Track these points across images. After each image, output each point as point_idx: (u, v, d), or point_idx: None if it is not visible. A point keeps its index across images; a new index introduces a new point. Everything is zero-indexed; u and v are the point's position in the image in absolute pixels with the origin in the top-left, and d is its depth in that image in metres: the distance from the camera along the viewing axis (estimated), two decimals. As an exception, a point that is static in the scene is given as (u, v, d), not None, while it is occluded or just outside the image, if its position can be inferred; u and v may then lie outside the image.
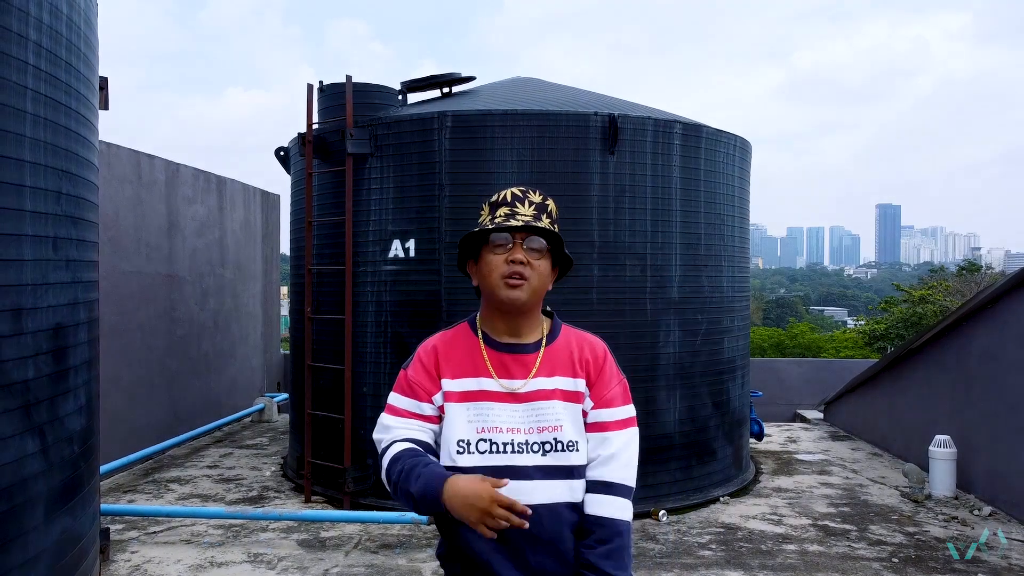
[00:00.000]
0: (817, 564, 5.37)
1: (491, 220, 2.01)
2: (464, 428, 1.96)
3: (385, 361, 6.66)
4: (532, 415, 1.96)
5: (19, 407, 2.93)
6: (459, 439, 1.95)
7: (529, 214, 2.00)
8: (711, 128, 7.16)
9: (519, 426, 1.96)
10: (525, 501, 1.86)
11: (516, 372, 2.00)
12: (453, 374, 2.01)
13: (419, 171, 6.57)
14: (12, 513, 2.88)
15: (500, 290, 1.96)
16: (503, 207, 2.02)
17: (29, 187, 2.99)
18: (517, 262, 1.95)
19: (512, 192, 2.04)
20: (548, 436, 1.95)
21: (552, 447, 1.95)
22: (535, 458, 1.94)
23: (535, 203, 2.03)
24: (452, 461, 1.95)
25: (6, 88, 2.85)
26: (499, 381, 1.99)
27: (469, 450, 1.94)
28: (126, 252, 8.02)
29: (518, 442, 1.94)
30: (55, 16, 3.18)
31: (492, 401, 1.97)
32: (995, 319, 6.83)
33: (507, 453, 1.94)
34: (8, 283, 2.88)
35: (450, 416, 1.98)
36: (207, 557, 5.43)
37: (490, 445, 1.94)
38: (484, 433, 1.95)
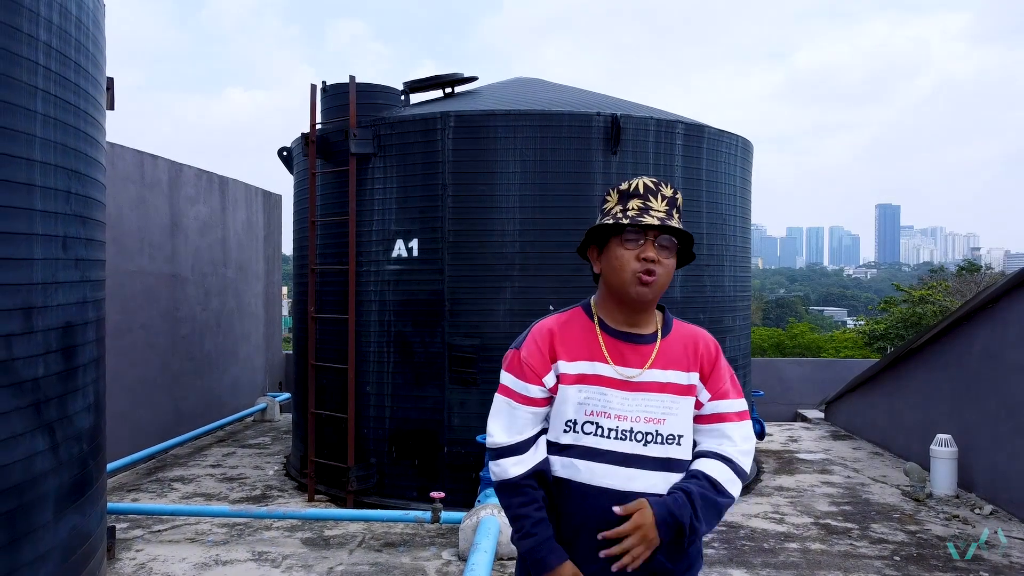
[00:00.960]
0: (819, 562, 5.40)
1: (623, 211, 2.01)
2: (574, 409, 2.00)
3: (388, 360, 6.69)
4: (641, 405, 2.00)
5: (29, 405, 2.95)
6: (568, 419, 2.01)
7: (662, 210, 2.01)
8: (713, 128, 7.19)
9: (627, 413, 1.99)
10: (620, 487, 1.95)
11: (632, 361, 2.03)
12: (569, 356, 2.04)
13: (422, 171, 6.60)
14: (23, 510, 2.90)
15: (631, 286, 1.98)
16: (635, 199, 2.02)
17: (39, 186, 3.01)
18: (650, 260, 1.97)
19: (644, 183, 2.04)
20: (651, 427, 1.99)
21: (653, 439, 1.99)
22: (636, 447, 1.98)
23: (667, 197, 2.04)
24: (556, 438, 2.03)
25: (17, 88, 2.87)
26: (615, 368, 2.02)
27: (575, 430, 2.00)
28: (129, 252, 8.04)
29: (623, 429, 1.99)
30: (64, 16, 3.20)
31: (605, 386, 2.01)
32: (996, 319, 6.86)
33: (610, 439, 1.98)
34: (19, 282, 2.90)
35: (562, 395, 2.02)
36: (212, 555, 5.45)
37: (596, 428, 1.99)
38: (592, 416, 1.99)
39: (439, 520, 5.51)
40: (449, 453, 6.47)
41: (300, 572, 5.15)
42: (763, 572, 5.21)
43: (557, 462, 2.02)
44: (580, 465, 1.98)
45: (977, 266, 37.67)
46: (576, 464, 1.99)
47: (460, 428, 6.43)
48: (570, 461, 2.00)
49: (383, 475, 6.70)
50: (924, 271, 56.37)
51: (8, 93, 2.83)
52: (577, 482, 1.98)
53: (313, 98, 7.11)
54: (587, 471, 1.98)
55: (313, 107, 7.11)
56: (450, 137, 6.50)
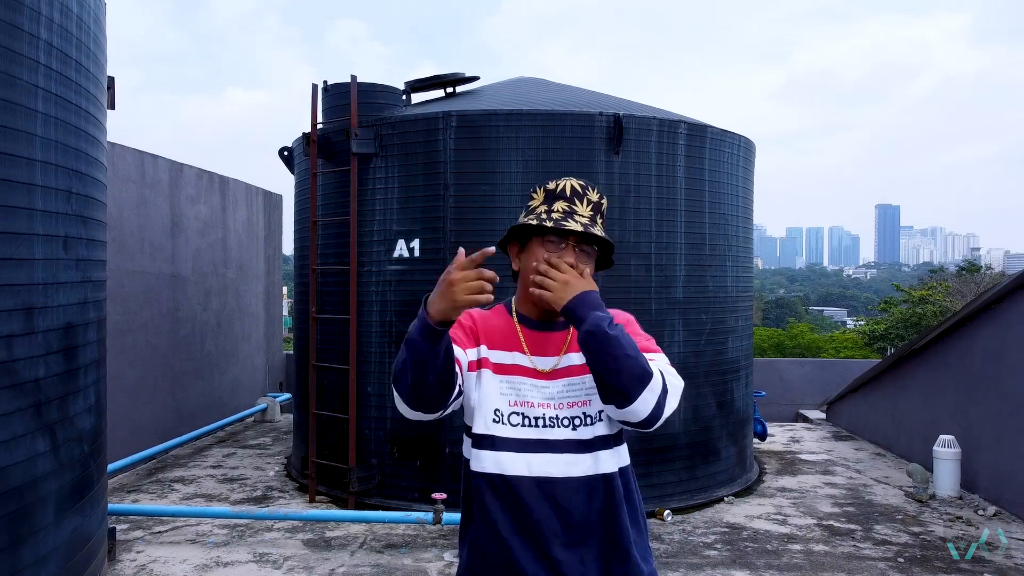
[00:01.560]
0: (823, 564, 5.38)
1: (547, 212, 1.99)
2: (498, 399, 1.97)
3: (389, 361, 6.66)
4: (563, 391, 1.98)
5: (30, 406, 2.93)
6: (495, 408, 1.97)
7: (587, 215, 1.99)
8: (716, 128, 7.17)
9: (550, 401, 1.97)
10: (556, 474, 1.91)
11: (549, 350, 2.02)
12: (491, 344, 2.02)
13: (424, 171, 6.57)
14: (24, 512, 2.88)
15: None
16: (561, 200, 2.00)
17: (40, 186, 2.99)
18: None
19: (572, 186, 2.02)
20: (577, 411, 1.97)
21: (582, 421, 1.96)
22: (566, 432, 1.95)
23: (592, 202, 2.02)
24: (487, 429, 1.97)
25: (18, 87, 2.85)
26: (531, 358, 2.01)
27: (503, 421, 1.96)
28: (130, 252, 8.02)
29: (550, 416, 1.96)
30: (65, 15, 3.18)
31: (525, 376, 1.99)
32: (999, 319, 6.84)
33: (539, 427, 1.95)
34: (20, 282, 2.88)
35: (485, 383, 1.99)
36: (213, 557, 5.42)
37: (522, 419, 1.96)
38: (516, 407, 1.97)
39: (441, 521, 5.49)
40: (451, 454, 6.45)
41: (301, 573, 5.13)
42: (766, 574, 5.19)
43: (487, 458, 1.95)
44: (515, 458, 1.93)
45: (977, 266, 37.70)
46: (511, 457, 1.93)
47: (462, 429, 6.40)
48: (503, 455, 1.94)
49: (384, 476, 6.68)
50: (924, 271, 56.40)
51: (9, 92, 2.81)
52: (513, 475, 1.92)
53: (314, 98, 7.09)
54: (523, 463, 1.92)
55: (314, 107, 7.08)
56: (452, 137, 6.48)
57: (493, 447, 1.95)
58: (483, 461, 1.96)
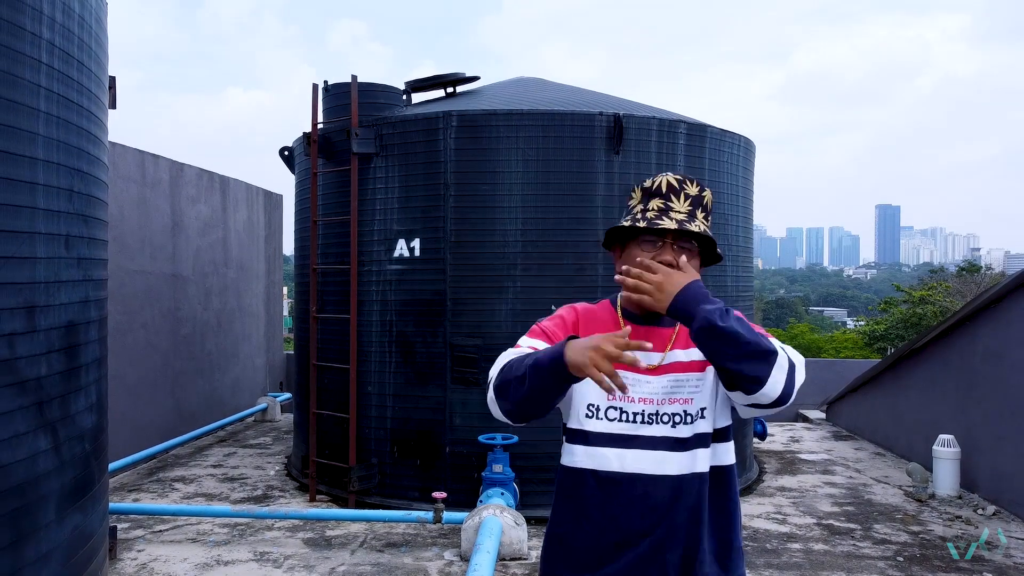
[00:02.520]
0: (822, 563, 5.39)
1: (643, 211, 1.96)
2: (596, 393, 1.93)
3: (390, 360, 6.67)
4: (667, 387, 1.94)
5: (32, 404, 2.93)
6: (589, 403, 1.94)
7: (684, 211, 1.94)
8: (715, 128, 7.18)
9: (652, 396, 1.93)
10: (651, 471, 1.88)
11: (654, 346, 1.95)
12: None
13: (424, 171, 6.59)
14: (26, 510, 2.89)
15: None
16: (657, 198, 1.96)
17: (42, 185, 2.99)
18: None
19: (668, 181, 1.98)
20: (679, 408, 1.93)
21: (682, 419, 1.93)
22: (664, 429, 1.92)
23: (691, 196, 1.97)
24: (580, 424, 1.95)
25: (20, 86, 2.86)
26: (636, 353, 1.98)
27: (598, 415, 1.94)
28: (130, 251, 8.03)
29: (648, 413, 1.92)
30: (67, 15, 3.19)
31: (626, 371, 1.91)
32: (999, 318, 6.85)
33: (636, 423, 1.92)
34: (22, 281, 2.88)
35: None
36: (214, 555, 5.43)
37: (619, 413, 1.93)
38: (614, 400, 1.93)
39: (441, 520, 5.50)
40: (451, 453, 6.46)
41: (302, 572, 5.14)
42: (766, 573, 5.20)
43: (580, 452, 1.95)
44: (608, 453, 1.92)
45: (977, 267, 37.69)
46: (603, 452, 1.92)
47: (462, 428, 6.42)
48: (595, 450, 1.93)
49: (385, 475, 6.69)
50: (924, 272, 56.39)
51: (11, 91, 2.81)
52: (605, 471, 1.91)
53: (315, 97, 7.10)
54: (616, 458, 1.91)
55: (315, 106, 7.10)
56: (452, 137, 6.49)
57: (586, 441, 1.94)
58: (575, 455, 1.96)
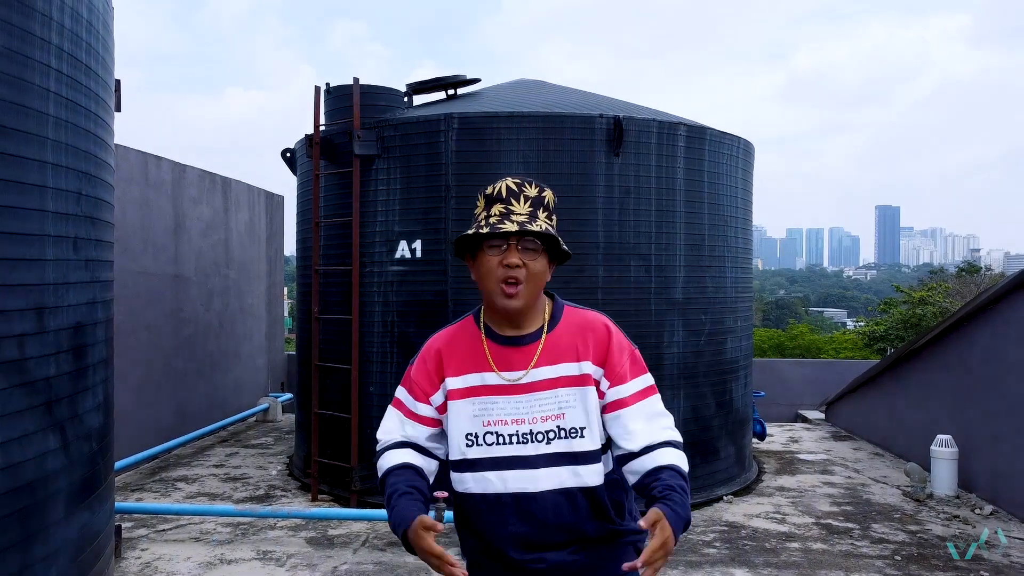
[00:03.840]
0: (820, 562, 5.43)
1: (486, 217, 2.00)
2: (470, 423, 2.01)
3: (391, 361, 6.72)
4: (535, 405, 1.99)
5: (41, 404, 2.98)
6: (467, 433, 2.01)
7: (524, 212, 1.98)
8: (715, 130, 7.23)
9: (523, 416, 1.99)
10: (531, 489, 1.96)
11: (517, 364, 2.02)
12: (456, 371, 2.05)
13: (425, 172, 6.63)
14: (35, 507, 2.94)
15: (497, 297, 1.98)
16: (498, 203, 2.00)
17: (51, 188, 3.04)
18: (512, 265, 1.95)
19: (507, 186, 2.02)
20: (551, 424, 1.98)
21: (556, 435, 1.98)
22: (540, 447, 1.98)
23: (531, 198, 2.01)
24: (462, 454, 2.01)
25: (30, 91, 2.91)
26: (500, 374, 2.02)
27: (477, 443, 2.00)
28: (133, 252, 8.08)
29: (523, 432, 1.99)
30: (75, 20, 3.24)
31: (495, 395, 2.01)
32: (997, 319, 6.89)
33: (513, 444, 1.98)
34: (31, 282, 2.93)
35: (455, 412, 2.03)
36: (216, 554, 5.48)
37: (496, 437, 1.99)
38: (490, 426, 2.00)
39: (442, 520, 5.52)
40: (452, 453, 6.50)
41: (304, 571, 5.18)
42: (765, 571, 5.24)
43: (468, 479, 2.02)
44: (491, 476, 1.99)
45: (977, 267, 37.73)
46: (487, 476, 1.99)
47: (463, 428, 6.46)
48: (481, 475, 2.00)
49: (386, 475, 6.73)
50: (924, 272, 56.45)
51: (21, 96, 2.86)
52: (492, 494, 1.99)
53: (317, 99, 7.14)
54: (499, 480, 1.98)
55: (317, 108, 7.14)
56: (453, 139, 6.54)
57: (472, 468, 2.01)
58: (464, 483, 2.03)
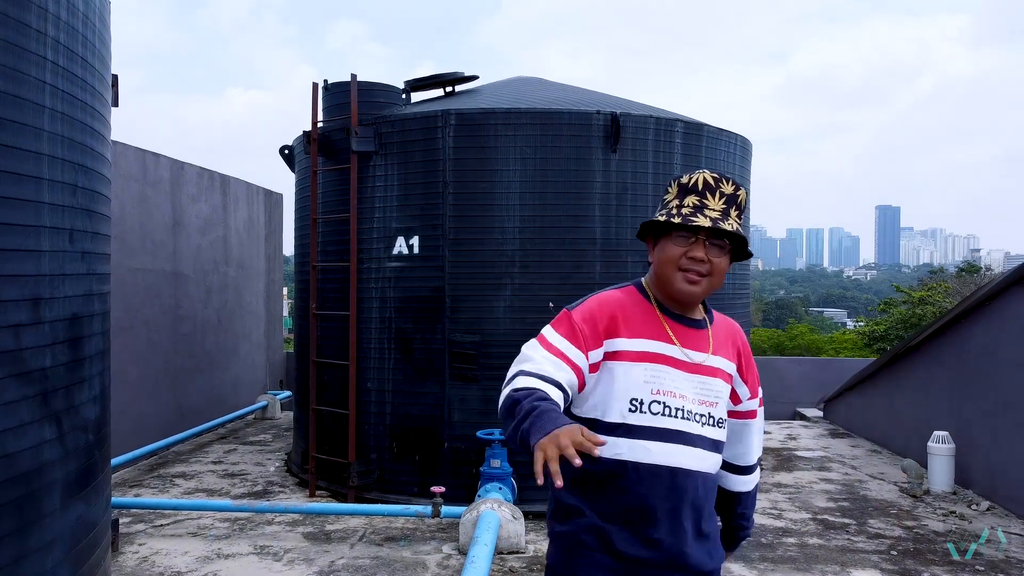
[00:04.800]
0: (816, 556, 5.44)
1: (678, 207, 1.98)
2: (639, 387, 1.95)
3: (389, 357, 6.73)
4: (700, 387, 2.01)
5: (37, 394, 2.99)
6: (632, 397, 1.94)
7: (718, 209, 1.97)
8: (712, 127, 7.24)
9: (688, 394, 1.99)
10: (687, 466, 1.97)
11: (695, 344, 2.03)
12: (631, 333, 1.98)
13: (423, 169, 6.65)
14: (31, 497, 2.95)
15: (676, 282, 1.97)
16: (692, 195, 1.98)
17: (47, 179, 3.05)
18: (697, 260, 1.95)
19: (704, 179, 2.00)
20: (706, 410, 2.01)
21: (707, 420, 2.01)
22: (697, 427, 1.99)
23: (726, 195, 1.99)
24: (622, 418, 1.94)
25: (26, 83, 2.92)
26: (682, 350, 2.01)
27: (641, 409, 1.95)
28: (132, 249, 8.09)
29: (688, 409, 1.98)
30: (72, 13, 3.25)
31: (670, 366, 1.98)
32: (993, 316, 6.90)
33: (678, 418, 1.96)
34: (27, 273, 2.94)
35: (622, 373, 1.95)
36: (214, 549, 5.49)
37: (663, 408, 1.95)
38: (659, 395, 1.96)
39: (439, 515, 5.56)
40: (450, 449, 6.52)
41: (302, 566, 5.20)
42: (761, 566, 5.25)
43: (623, 444, 1.94)
44: (651, 446, 1.93)
45: (977, 267, 37.71)
46: (646, 445, 1.94)
47: (460, 424, 6.47)
48: (639, 443, 1.94)
49: (384, 471, 6.75)
50: (924, 272, 56.41)
51: (18, 88, 2.87)
52: (646, 463, 1.94)
53: (315, 96, 7.16)
54: (659, 451, 1.94)
55: (315, 105, 7.15)
56: (451, 135, 6.55)
57: (628, 435, 1.94)
58: (616, 447, 1.93)
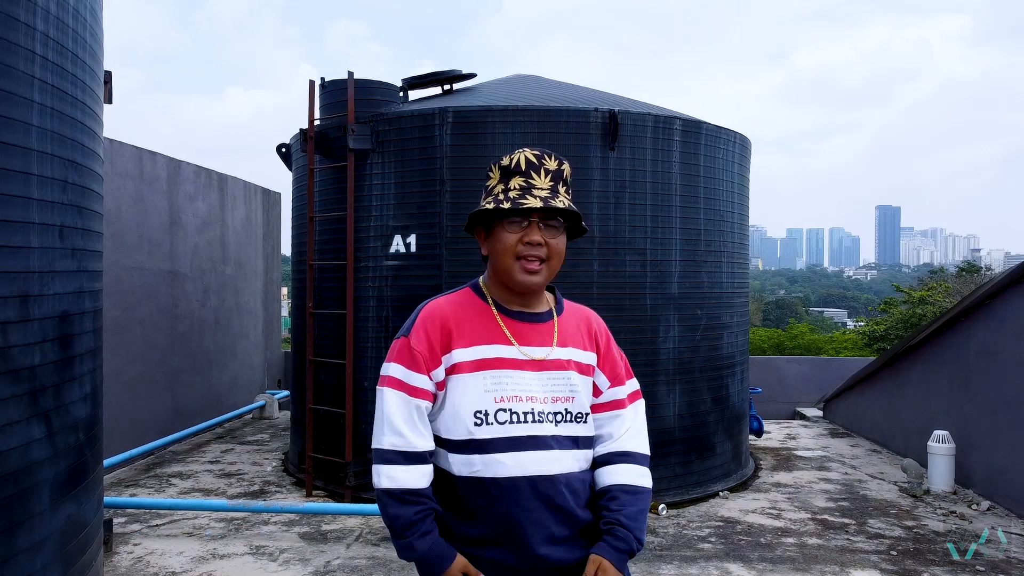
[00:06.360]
0: (816, 556, 5.40)
1: (504, 191, 1.89)
2: (480, 398, 1.85)
3: (386, 355, 6.69)
4: (549, 384, 1.90)
5: (26, 393, 2.95)
6: (476, 410, 1.85)
7: (546, 187, 1.88)
8: (711, 124, 7.20)
9: (536, 395, 1.88)
10: (545, 472, 1.84)
11: (535, 340, 1.92)
12: (466, 342, 1.89)
13: (420, 167, 6.61)
14: (19, 497, 2.91)
15: (516, 273, 1.87)
16: (517, 176, 1.90)
17: (36, 175, 3.02)
18: (534, 243, 1.86)
19: (526, 157, 1.92)
20: (561, 407, 1.90)
21: (563, 417, 1.90)
22: (550, 428, 1.88)
23: (551, 171, 1.91)
24: (469, 434, 1.84)
25: (13, 77, 2.88)
26: (520, 349, 1.90)
27: (487, 421, 1.84)
28: (128, 248, 8.05)
29: (537, 411, 1.87)
30: (61, 7, 3.21)
31: (511, 369, 1.88)
32: (993, 315, 6.87)
33: (527, 423, 1.86)
34: (15, 270, 2.90)
35: (462, 386, 1.86)
36: (209, 549, 5.45)
37: (510, 415, 1.85)
38: (503, 403, 1.86)
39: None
40: (447, 448, 6.48)
41: (297, 566, 5.16)
42: (760, 566, 5.21)
43: (476, 461, 1.84)
44: (504, 458, 1.83)
45: (977, 267, 37.66)
46: (499, 459, 1.83)
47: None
48: (492, 457, 1.83)
49: (381, 470, 6.70)
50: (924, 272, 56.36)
51: (5, 81, 2.84)
52: (506, 478, 1.83)
53: (312, 94, 7.12)
54: (513, 463, 1.83)
55: (311, 103, 7.12)
56: (448, 133, 6.51)
57: (480, 450, 1.85)
58: (471, 465, 1.85)
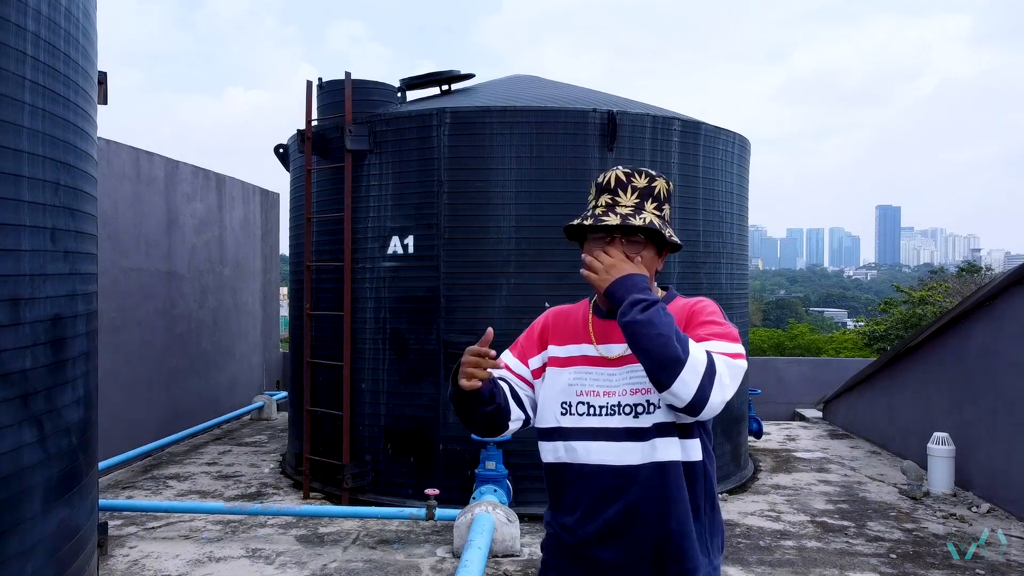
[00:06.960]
0: (815, 560, 5.38)
1: (593, 208, 2.04)
2: (565, 391, 2.05)
3: (384, 357, 6.67)
4: (628, 378, 2.00)
5: (17, 396, 2.93)
6: (562, 401, 2.05)
7: (630, 204, 2.00)
8: (710, 125, 7.17)
9: (614, 389, 2.01)
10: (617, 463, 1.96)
11: (615, 338, 2.03)
12: (560, 341, 2.12)
13: (418, 168, 6.58)
14: (9, 502, 2.88)
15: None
16: (606, 194, 2.03)
17: (27, 177, 2.99)
18: None
19: (616, 176, 2.04)
20: (641, 398, 1.98)
21: (644, 409, 1.97)
22: (627, 420, 1.97)
23: (639, 188, 2.02)
24: (556, 422, 2.05)
25: (4, 78, 2.85)
26: (597, 347, 2.06)
27: (570, 412, 2.03)
28: (125, 249, 8.02)
29: (612, 404, 2.00)
30: (53, 7, 3.18)
31: (590, 366, 2.05)
32: (993, 316, 6.84)
33: (600, 416, 2.00)
34: (6, 273, 2.88)
35: (551, 379, 2.09)
36: (205, 552, 5.43)
37: (587, 408, 2.01)
38: (582, 396, 2.03)
39: (434, 517, 5.49)
40: (444, 451, 6.45)
41: (294, 569, 5.13)
42: (759, 570, 5.19)
43: (560, 447, 2.04)
44: (578, 446, 2.00)
45: (977, 267, 37.64)
46: (575, 446, 2.01)
47: (455, 425, 6.40)
48: (569, 444, 2.02)
49: (378, 472, 6.68)
50: (924, 272, 56.34)
51: (-5, 83, 2.81)
52: (577, 464, 2.00)
53: (309, 94, 7.09)
54: (584, 451, 1.99)
55: (309, 103, 7.09)
56: (446, 134, 6.49)
57: (562, 437, 2.04)
58: (556, 452, 2.05)
